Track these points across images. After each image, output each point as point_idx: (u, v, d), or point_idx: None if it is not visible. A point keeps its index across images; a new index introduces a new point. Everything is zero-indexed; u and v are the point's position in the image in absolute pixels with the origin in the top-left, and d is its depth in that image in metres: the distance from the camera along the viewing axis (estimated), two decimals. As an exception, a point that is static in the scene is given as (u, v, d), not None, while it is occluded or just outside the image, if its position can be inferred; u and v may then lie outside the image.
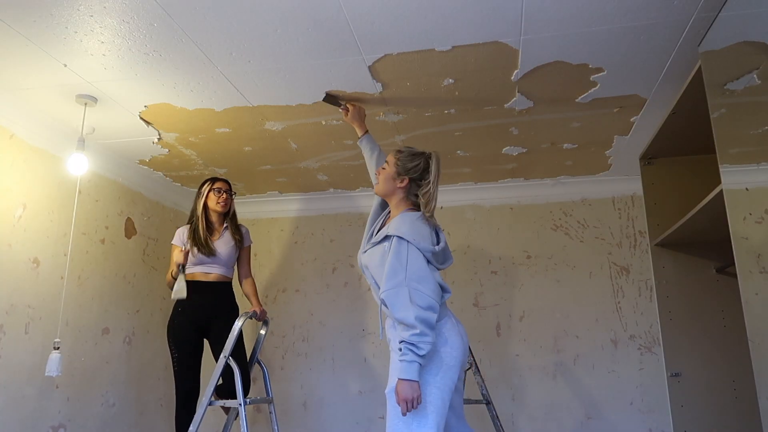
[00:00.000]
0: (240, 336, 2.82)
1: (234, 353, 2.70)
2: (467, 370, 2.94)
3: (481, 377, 2.96)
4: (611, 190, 3.70)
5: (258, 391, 3.68)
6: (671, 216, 2.74)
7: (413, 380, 1.79)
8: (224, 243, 3.01)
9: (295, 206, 4.06)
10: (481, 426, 3.21)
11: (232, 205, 3.10)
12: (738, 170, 1.83)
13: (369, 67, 2.29)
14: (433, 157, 2.12)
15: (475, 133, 2.95)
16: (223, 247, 2.99)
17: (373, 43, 2.11)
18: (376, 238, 2.06)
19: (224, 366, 2.65)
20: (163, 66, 2.26)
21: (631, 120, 2.80)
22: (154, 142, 3.03)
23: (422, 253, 1.93)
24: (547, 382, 3.51)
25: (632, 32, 2.05)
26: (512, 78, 2.38)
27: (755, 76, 1.69)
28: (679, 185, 2.84)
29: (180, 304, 2.94)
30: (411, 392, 1.78)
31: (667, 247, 2.84)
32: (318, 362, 3.80)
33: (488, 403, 2.92)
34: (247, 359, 2.97)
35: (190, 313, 2.91)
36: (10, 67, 2.27)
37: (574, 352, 3.52)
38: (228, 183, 3.08)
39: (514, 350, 3.58)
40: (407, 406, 1.78)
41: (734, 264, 1.80)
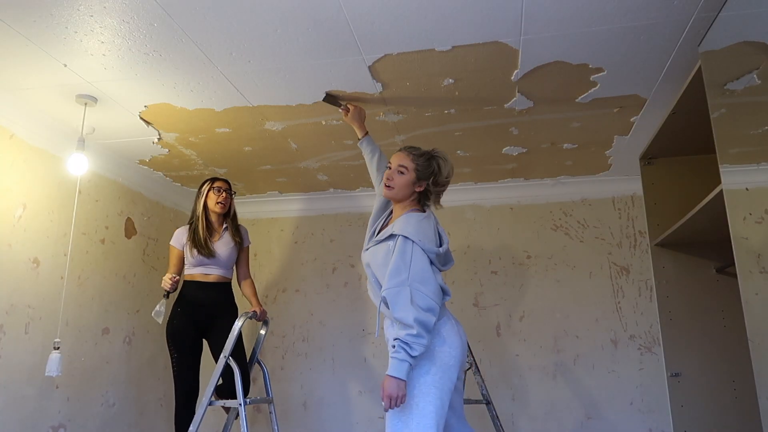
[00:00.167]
0: (239, 336, 2.82)
1: (233, 353, 2.70)
2: (467, 370, 2.94)
3: (481, 377, 2.96)
4: (611, 190, 3.70)
5: (258, 391, 3.69)
6: (671, 216, 2.74)
7: (401, 379, 1.79)
8: (224, 244, 3.00)
9: (295, 206, 4.06)
10: (481, 426, 3.21)
11: (232, 205, 3.09)
12: (738, 170, 1.83)
13: (369, 67, 2.29)
14: (441, 156, 2.14)
15: (475, 133, 2.95)
16: (222, 248, 2.99)
17: (373, 43, 2.11)
18: (381, 236, 2.06)
19: (224, 366, 2.65)
20: (163, 66, 2.26)
21: (631, 120, 2.80)
22: (154, 142, 3.03)
23: (426, 254, 1.94)
24: (547, 382, 3.50)
25: (632, 32, 2.05)
26: (512, 78, 2.38)
27: (755, 76, 1.69)
28: (679, 185, 2.84)
29: (179, 305, 2.94)
30: (397, 390, 1.79)
31: (667, 247, 2.84)
32: (318, 362, 3.80)
33: (488, 403, 2.92)
34: (247, 359, 2.97)
35: (190, 313, 2.92)
36: (10, 67, 2.27)
37: (574, 352, 3.52)
38: (228, 183, 3.07)
39: (514, 350, 3.58)
40: (390, 403, 1.79)
41: (734, 264, 1.80)
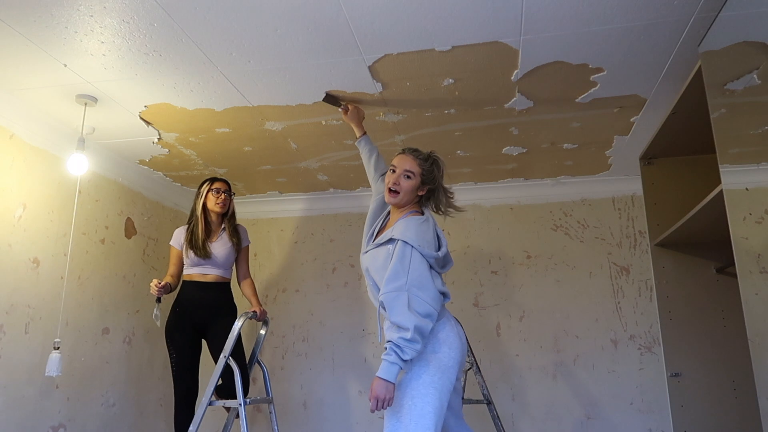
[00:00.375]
0: (239, 336, 2.81)
1: (233, 353, 2.69)
2: (468, 371, 2.95)
3: (482, 377, 2.96)
4: (611, 190, 3.70)
5: (258, 391, 3.69)
6: (671, 216, 2.74)
7: (389, 381, 1.80)
8: (221, 244, 2.99)
9: (295, 206, 4.06)
10: (481, 426, 3.21)
11: (232, 205, 3.07)
12: (738, 170, 1.83)
13: (369, 67, 2.29)
14: (440, 161, 2.16)
15: (475, 133, 2.95)
16: (219, 248, 2.98)
17: (373, 43, 2.11)
18: (380, 239, 2.06)
19: (224, 366, 2.65)
20: (163, 66, 2.26)
21: (631, 120, 2.80)
22: (154, 142, 3.03)
23: (425, 259, 1.94)
24: (547, 382, 3.50)
25: (632, 32, 2.05)
26: (512, 78, 2.38)
27: (755, 76, 1.69)
28: (679, 185, 2.84)
29: (177, 305, 2.94)
30: (385, 392, 1.79)
31: (667, 247, 2.84)
32: (318, 362, 3.80)
33: (489, 403, 2.92)
34: (247, 359, 2.97)
35: (188, 313, 2.91)
36: (10, 67, 2.27)
37: (574, 352, 3.52)
38: (227, 183, 3.06)
39: (514, 350, 3.58)
40: (377, 405, 1.79)
41: (734, 264, 1.80)
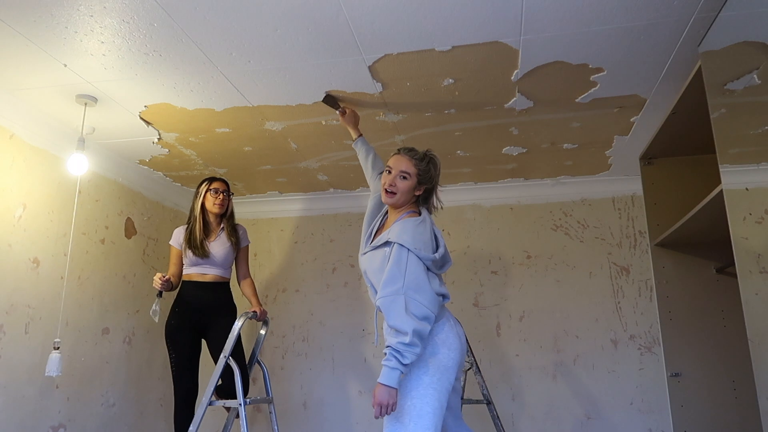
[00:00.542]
0: (239, 336, 2.81)
1: (233, 353, 2.69)
2: (468, 371, 2.95)
3: (482, 377, 2.96)
4: (611, 190, 3.70)
5: (258, 391, 3.69)
6: (671, 216, 2.74)
7: (392, 387, 1.80)
8: (220, 244, 2.99)
9: (295, 206, 4.06)
10: (481, 426, 3.21)
11: (230, 205, 3.06)
12: (738, 170, 1.83)
13: (369, 67, 2.29)
14: (436, 160, 2.15)
15: (475, 133, 2.95)
16: (218, 248, 2.98)
17: (373, 43, 2.11)
18: (377, 242, 2.05)
19: (224, 366, 2.65)
20: (163, 66, 2.26)
21: (631, 120, 2.80)
22: (154, 142, 3.03)
23: (422, 262, 1.93)
24: (547, 382, 3.50)
25: (632, 32, 2.05)
26: (512, 78, 2.38)
27: (755, 76, 1.69)
28: (679, 185, 2.84)
29: (177, 305, 2.94)
30: (388, 398, 1.79)
31: (667, 247, 2.84)
32: (318, 362, 3.80)
33: (489, 403, 2.92)
34: (246, 359, 2.97)
35: (187, 313, 2.91)
36: (10, 67, 2.27)
37: (574, 352, 3.52)
38: (225, 183, 3.05)
39: (514, 350, 3.58)
40: (381, 411, 1.80)
41: (734, 264, 1.80)
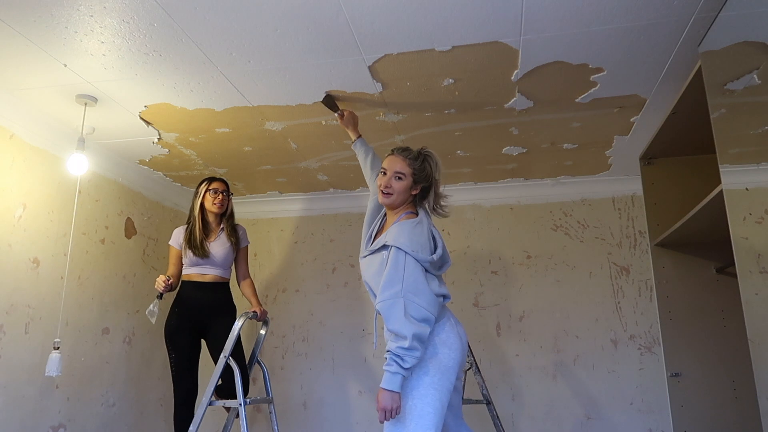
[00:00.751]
0: (239, 336, 2.81)
1: (233, 353, 2.69)
2: (467, 370, 2.94)
3: (482, 377, 2.96)
4: (611, 190, 3.70)
5: (258, 391, 3.69)
6: (671, 216, 2.74)
7: (394, 391, 1.80)
8: (220, 244, 2.99)
9: (295, 206, 4.06)
10: (481, 426, 3.21)
11: (230, 205, 3.06)
12: (738, 170, 1.83)
13: (369, 67, 2.29)
14: (431, 154, 2.12)
15: (475, 133, 2.95)
16: (218, 248, 2.97)
17: (373, 43, 2.11)
18: (374, 246, 2.04)
19: (224, 366, 2.65)
20: (163, 66, 2.26)
21: (631, 120, 2.80)
22: (154, 142, 3.03)
23: (420, 264, 1.92)
24: (547, 382, 3.50)
25: (632, 32, 2.05)
26: (512, 78, 2.38)
27: (755, 76, 1.69)
28: (679, 185, 2.84)
29: (177, 305, 2.93)
30: (391, 402, 1.80)
31: (667, 247, 2.84)
32: (318, 362, 3.80)
33: (488, 403, 2.92)
34: (246, 359, 2.97)
35: (187, 314, 2.91)
36: (10, 67, 2.27)
37: (574, 352, 3.52)
38: (225, 183, 3.04)
39: (514, 350, 3.58)
40: (385, 416, 1.80)
41: (734, 264, 1.80)
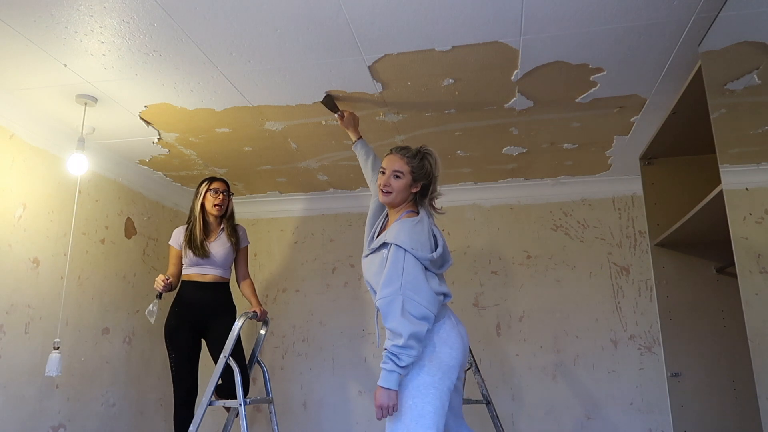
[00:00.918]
0: (239, 336, 2.81)
1: (233, 353, 2.69)
2: (467, 370, 2.94)
3: (481, 377, 2.96)
4: (611, 190, 3.70)
5: (258, 391, 3.69)
6: (671, 216, 2.74)
7: (391, 389, 1.81)
8: (220, 244, 2.98)
9: (295, 206, 4.06)
10: (481, 426, 3.21)
11: (230, 205, 3.05)
12: (738, 170, 1.83)
13: (369, 67, 2.29)
14: (431, 152, 2.12)
15: (475, 133, 2.95)
16: (218, 248, 2.97)
17: (373, 43, 2.11)
18: (375, 245, 2.05)
19: (224, 366, 2.65)
20: (163, 66, 2.26)
21: (631, 120, 2.80)
22: (154, 142, 3.03)
23: (420, 262, 1.92)
24: (547, 382, 3.50)
25: (632, 32, 2.05)
26: (512, 78, 2.38)
27: (755, 76, 1.69)
28: (679, 185, 2.84)
29: (176, 305, 2.93)
30: (387, 400, 1.81)
31: (667, 247, 2.84)
32: (318, 362, 3.80)
33: (488, 403, 2.92)
34: (247, 359, 2.97)
35: (187, 314, 2.90)
36: (10, 67, 2.27)
37: (574, 352, 3.52)
38: (226, 183, 3.04)
39: (514, 350, 3.58)
40: (382, 413, 1.81)
41: (734, 264, 1.80)
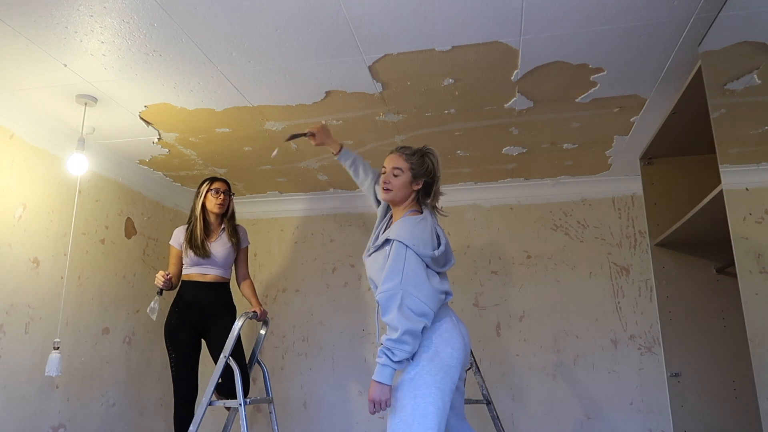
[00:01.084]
0: (239, 336, 2.81)
1: (233, 353, 2.69)
2: (468, 370, 2.94)
3: (482, 377, 2.96)
4: (611, 190, 3.70)
5: (258, 391, 3.69)
6: (671, 216, 2.74)
7: (384, 383, 1.82)
8: (221, 244, 2.98)
9: (295, 206, 4.06)
10: (481, 426, 3.21)
11: (231, 205, 3.05)
12: (738, 170, 1.83)
13: (369, 67, 2.29)
14: (432, 152, 2.14)
15: (475, 133, 2.95)
16: (219, 248, 2.97)
17: (373, 43, 2.11)
18: (378, 242, 2.06)
19: (224, 366, 2.65)
20: (163, 66, 2.26)
21: (631, 120, 2.80)
22: (154, 142, 3.03)
23: (421, 259, 1.93)
24: (547, 382, 3.50)
25: (632, 32, 2.05)
26: (512, 78, 2.38)
27: (755, 76, 1.69)
28: (679, 185, 2.84)
29: (177, 305, 2.93)
30: (380, 395, 1.82)
31: (667, 247, 2.84)
32: (318, 362, 3.80)
33: (488, 403, 2.92)
34: (247, 359, 2.97)
35: (187, 313, 2.90)
36: (10, 67, 2.27)
37: (574, 352, 3.52)
38: (227, 183, 3.04)
39: (514, 350, 3.58)
40: (374, 408, 1.83)
41: (734, 264, 1.80)
